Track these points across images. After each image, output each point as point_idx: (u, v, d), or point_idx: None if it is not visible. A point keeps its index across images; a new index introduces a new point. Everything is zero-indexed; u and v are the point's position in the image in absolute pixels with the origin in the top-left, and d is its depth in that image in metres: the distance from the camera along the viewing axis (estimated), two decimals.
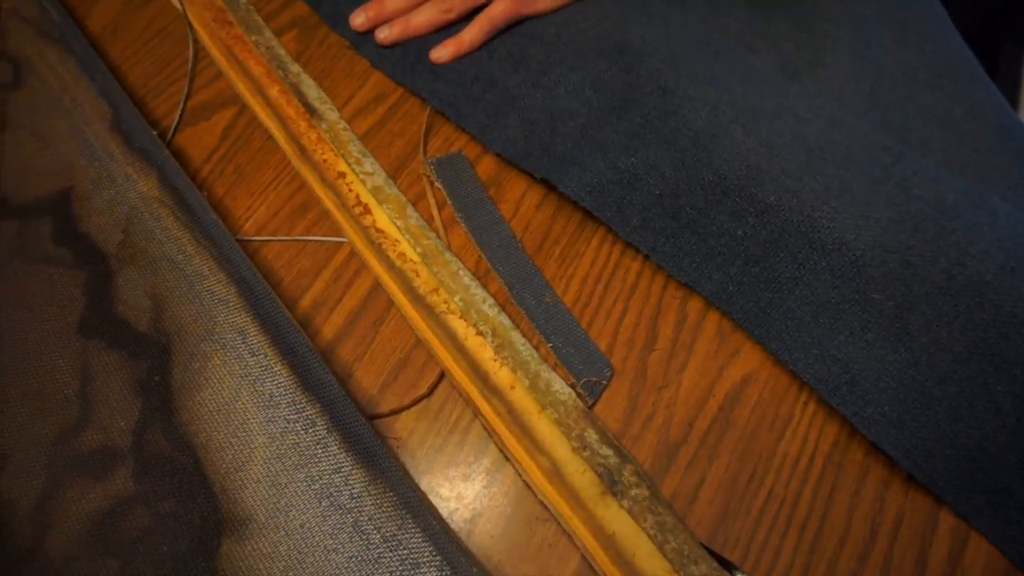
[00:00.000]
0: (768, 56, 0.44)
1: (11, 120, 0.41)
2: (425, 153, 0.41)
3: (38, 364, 0.33)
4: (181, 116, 0.42)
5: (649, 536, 0.29)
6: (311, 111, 0.42)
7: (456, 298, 0.36)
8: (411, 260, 0.36)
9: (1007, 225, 0.35)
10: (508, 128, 0.41)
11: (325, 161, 0.40)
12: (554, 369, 0.34)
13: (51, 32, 0.44)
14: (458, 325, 0.35)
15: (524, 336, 0.35)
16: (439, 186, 0.40)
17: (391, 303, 0.36)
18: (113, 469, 0.30)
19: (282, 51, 0.45)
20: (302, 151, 0.40)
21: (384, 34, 0.44)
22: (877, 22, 0.45)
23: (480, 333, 0.35)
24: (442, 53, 0.43)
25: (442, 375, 0.34)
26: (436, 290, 0.36)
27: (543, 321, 0.36)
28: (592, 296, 0.37)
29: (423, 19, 0.44)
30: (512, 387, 0.33)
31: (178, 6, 0.46)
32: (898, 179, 0.36)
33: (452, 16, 0.44)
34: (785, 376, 0.34)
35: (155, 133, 0.39)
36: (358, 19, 0.45)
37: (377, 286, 0.37)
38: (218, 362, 0.33)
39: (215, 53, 0.44)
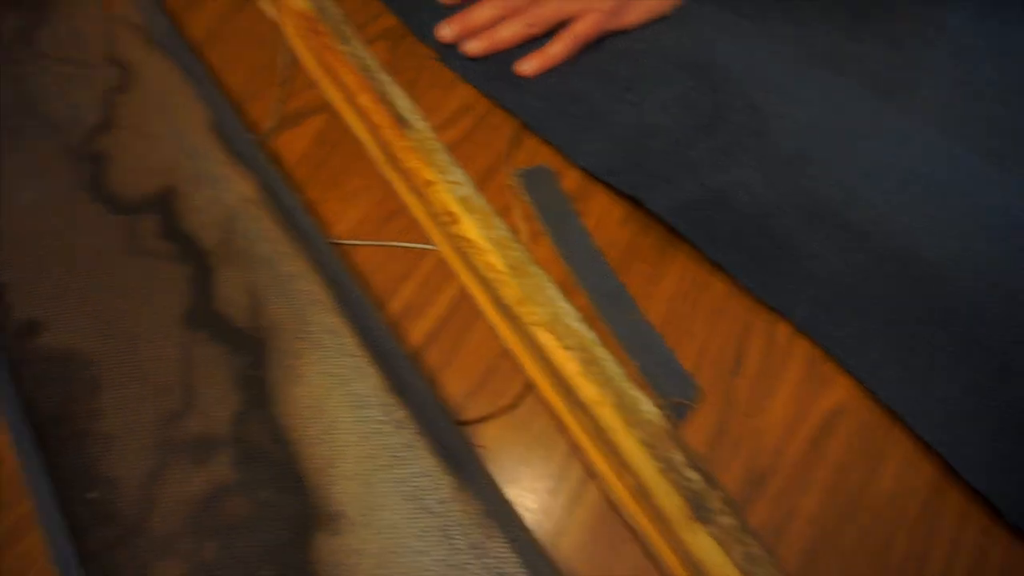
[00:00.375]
0: (859, 77, 0.44)
1: (119, 121, 0.44)
2: (511, 165, 0.42)
3: (145, 352, 0.35)
4: (276, 121, 0.44)
5: (738, 567, 0.29)
6: (400, 120, 0.43)
7: (543, 311, 0.36)
8: (498, 271, 0.38)
9: None
10: (594, 143, 0.41)
11: (414, 169, 0.41)
12: (640, 388, 0.34)
13: (156, 39, 0.47)
14: (545, 338, 0.36)
15: (610, 353, 0.35)
16: (525, 198, 0.41)
17: (478, 312, 0.38)
18: (214, 456, 0.32)
19: (372, 61, 0.46)
20: (391, 159, 0.42)
21: (470, 47, 0.46)
22: (973, 43, 0.45)
23: (567, 347, 0.35)
24: (528, 66, 0.45)
25: (528, 387, 0.35)
26: (523, 302, 0.37)
27: (629, 339, 0.36)
28: (678, 316, 0.38)
29: (509, 33, 0.46)
30: (598, 403, 0.34)
31: (274, 16, 0.48)
32: (1002, 211, 0.35)
33: (537, 31, 0.45)
34: (878, 409, 0.34)
35: (252, 137, 0.40)
36: (445, 31, 0.47)
37: (464, 294, 0.38)
38: (311, 360, 0.35)
39: (308, 62, 0.46)
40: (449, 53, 0.47)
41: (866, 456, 0.33)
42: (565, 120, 0.43)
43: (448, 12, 0.48)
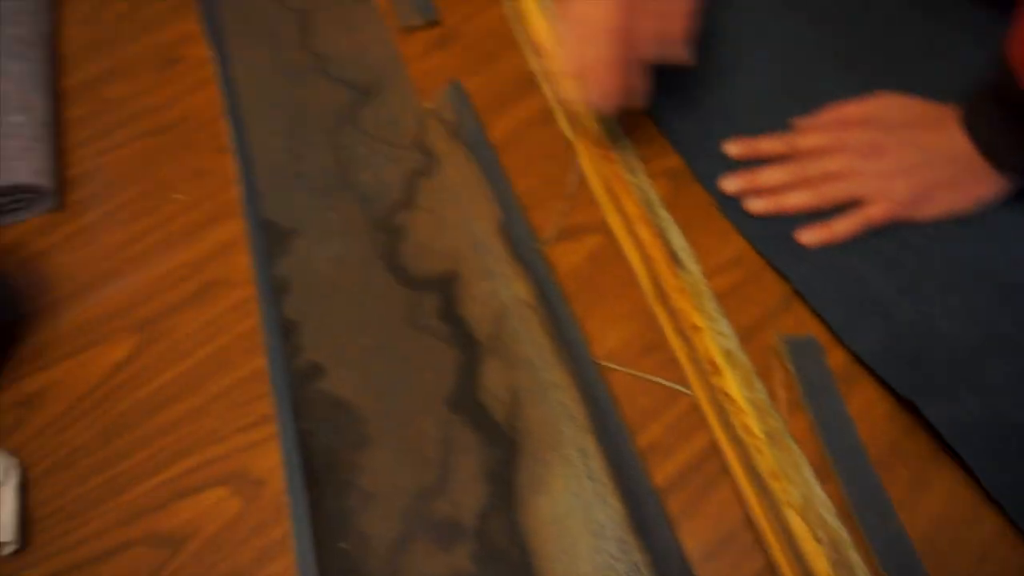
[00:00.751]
0: None
1: (419, 202, 0.49)
2: (777, 328, 0.42)
3: (411, 422, 0.38)
4: (555, 232, 0.48)
5: None
6: (675, 258, 0.45)
7: (796, 492, 0.36)
8: (756, 436, 0.37)
9: None
10: (870, 331, 0.41)
11: (682, 310, 0.43)
12: None
13: (463, 136, 0.52)
14: (796, 523, 0.35)
15: (863, 560, 0.34)
16: (789, 366, 0.41)
17: (725, 470, 0.37)
18: (457, 543, 0.34)
19: (654, 196, 0.49)
20: (661, 294, 0.43)
21: (754, 205, 0.47)
22: None
23: (817, 539, 0.34)
24: (809, 237, 0.45)
25: (771, 568, 0.34)
26: (777, 476, 0.36)
27: (884, 552, 0.34)
28: (939, 542, 0.35)
29: (797, 201, 0.46)
30: None
31: (570, 136, 0.53)
32: None
33: (827, 205, 0.46)
34: None
35: (538, 247, 0.44)
36: (730, 184, 0.48)
37: (714, 448, 0.38)
38: (558, 474, 0.36)
39: (595, 184, 0.50)
40: (729, 204, 0.48)
41: None
42: (840, 298, 0.42)
43: (734, 163, 0.49)
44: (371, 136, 0.54)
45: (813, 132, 0.48)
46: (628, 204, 0.48)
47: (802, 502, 0.35)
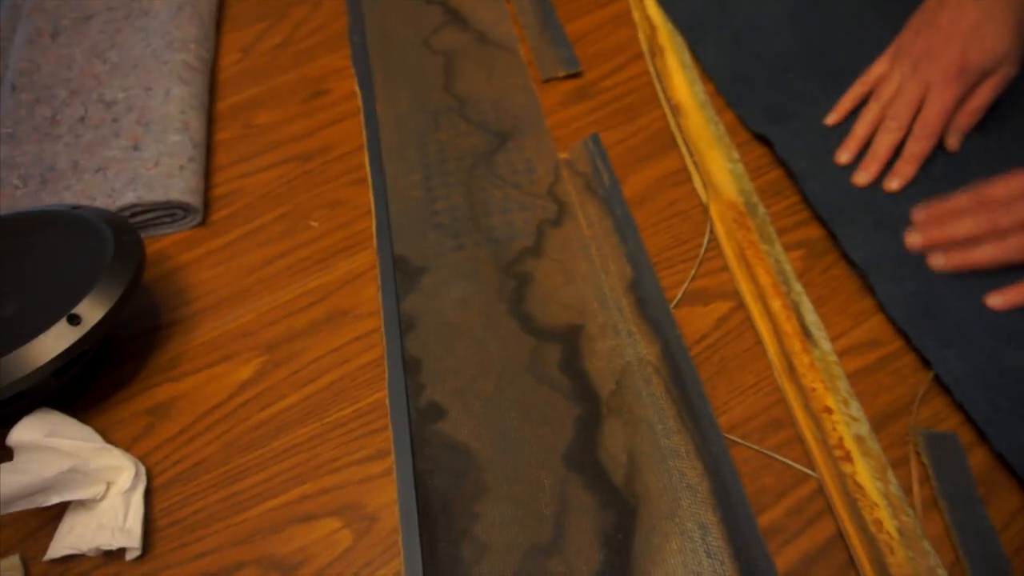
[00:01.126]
0: None
1: (547, 251, 0.50)
2: (914, 421, 0.41)
3: (528, 475, 0.38)
4: (683, 294, 0.48)
5: None
6: (807, 334, 0.44)
7: None
8: (888, 533, 0.36)
9: None
10: (1020, 431, 0.39)
11: (813, 390, 0.42)
12: None
13: (597, 189, 0.53)
14: None
15: None
16: (925, 461, 0.39)
17: (851, 564, 0.36)
18: None
19: (788, 267, 0.48)
20: (791, 370, 0.43)
21: (936, 261, 0.44)
22: None
23: None
24: (999, 300, 0.42)
25: None
26: None
27: None
28: None
29: (987, 256, 0.42)
30: None
31: (703, 198, 0.53)
32: None
33: (1021, 259, 0.42)
34: None
35: (671, 309, 0.44)
36: (915, 238, 0.45)
37: (839, 539, 0.37)
38: (675, 547, 0.35)
39: (727, 249, 0.50)
40: (877, 273, 0.46)
41: None
42: (991, 396, 0.40)
43: (885, 229, 0.48)
44: (505, 181, 0.56)
45: (1005, 180, 0.44)
46: (761, 273, 0.48)
47: None
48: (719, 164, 0.55)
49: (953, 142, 0.51)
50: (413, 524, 0.35)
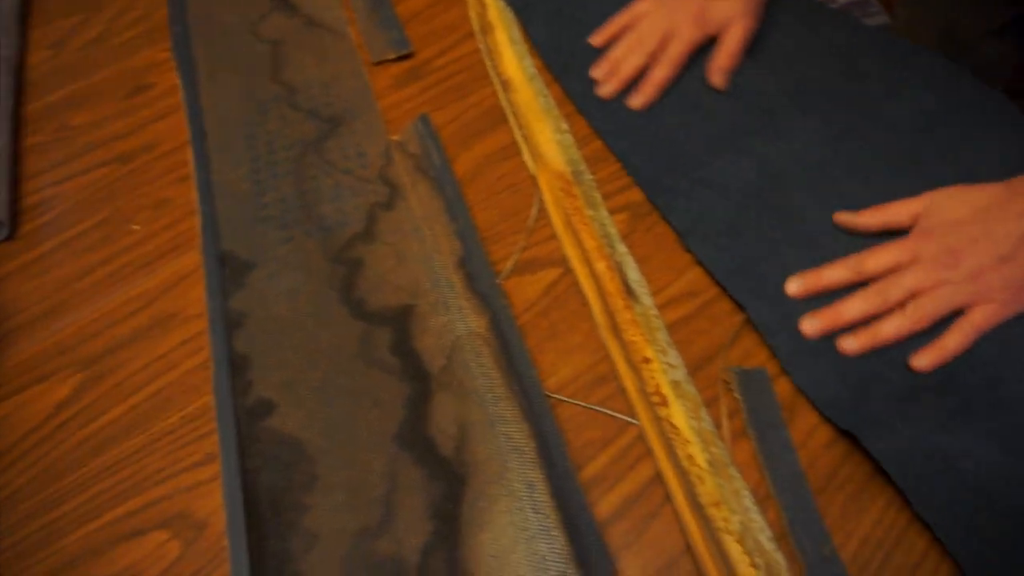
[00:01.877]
0: None
1: (378, 235, 0.51)
2: (727, 360, 0.44)
3: (359, 460, 0.39)
4: (514, 265, 0.50)
5: None
6: (629, 291, 0.47)
7: (736, 519, 0.37)
8: (698, 465, 0.39)
9: None
10: (818, 369, 0.43)
11: (633, 343, 0.44)
12: None
13: (427, 169, 0.54)
14: (733, 549, 0.36)
15: None
16: (736, 396, 0.42)
17: (667, 500, 0.39)
18: None
19: (613, 230, 0.51)
20: (614, 327, 0.45)
21: (848, 346, 0.42)
22: None
23: (755, 566, 0.36)
24: (923, 362, 0.42)
25: None
26: (717, 504, 0.38)
27: (818, 574, 0.36)
28: (870, 563, 0.37)
29: (894, 330, 0.42)
30: None
31: (531, 169, 0.55)
32: None
33: (926, 325, 0.42)
34: None
35: (497, 281, 0.45)
36: (810, 326, 0.44)
37: (657, 478, 0.40)
38: (503, 508, 0.37)
39: (554, 218, 0.52)
40: (694, 236, 0.50)
41: None
42: (795, 336, 0.44)
43: (698, 197, 0.51)
44: (336, 168, 0.56)
45: (879, 251, 0.44)
46: (586, 238, 0.50)
47: (741, 529, 0.37)
48: (547, 136, 0.57)
49: (718, 80, 0.57)
50: (239, 525, 0.36)
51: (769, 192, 0.51)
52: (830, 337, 0.44)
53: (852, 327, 0.43)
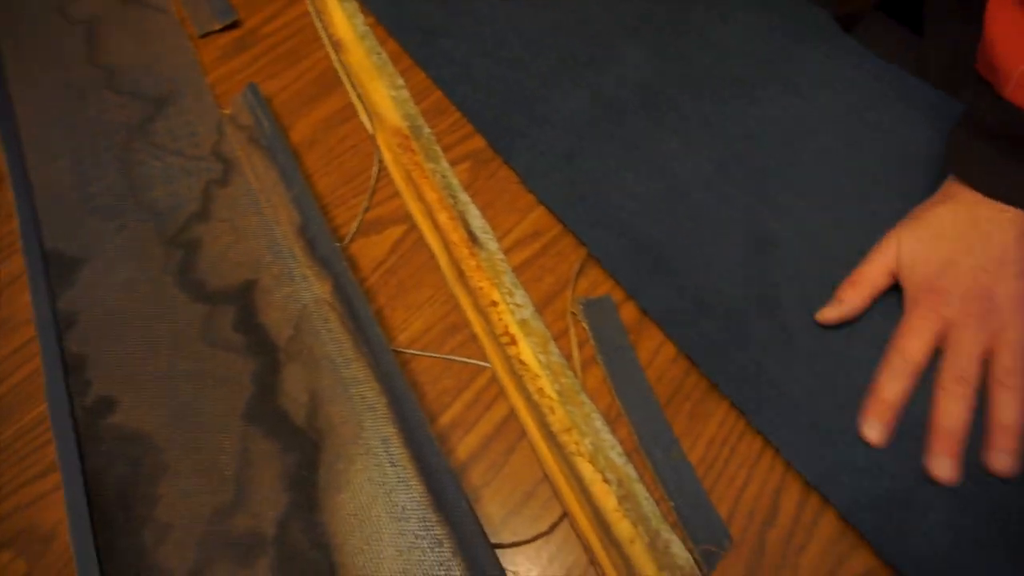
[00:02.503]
0: None
1: (215, 213, 0.50)
2: (574, 292, 0.46)
3: (209, 442, 0.39)
4: (358, 227, 0.49)
5: None
6: (473, 239, 0.48)
7: (587, 441, 0.39)
8: (548, 396, 0.40)
9: None
10: (659, 290, 0.44)
11: (480, 288, 0.45)
12: (673, 529, 0.36)
13: (260, 140, 0.53)
14: (585, 469, 0.38)
15: (648, 490, 0.37)
16: (584, 326, 0.44)
17: (523, 434, 0.40)
18: (257, 558, 0.35)
19: (455, 180, 0.51)
20: (460, 275, 0.46)
21: (1003, 463, 0.36)
22: None
23: (606, 480, 0.37)
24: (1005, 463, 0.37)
25: (564, 515, 0.37)
26: (568, 430, 0.39)
27: (668, 478, 0.38)
28: (717, 458, 0.39)
29: (1013, 412, 0.37)
30: (632, 541, 0.35)
31: (368, 129, 0.54)
32: None
33: (974, 393, 0.38)
34: None
35: (337, 245, 0.45)
36: (941, 470, 0.37)
37: (512, 415, 0.41)
38: (360, 467, 0.38)
39: (396, 175, 0.51)
40: (532, 176, 0.51)
41: None
42: (633, 263, 0.46)
43: (535, 142, 0.52)
44: (166, 149, 0.54)
45: (909, 337, 0.40)
46: (427, 191, 0.50)
47: (592, 449, 0.38)
48: (382, 93, 0.56)
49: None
50: (83, 530, 0.34)
51: (604, 121, 0.52)
52: (666, 258, 0.46)
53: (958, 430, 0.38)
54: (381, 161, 0.53)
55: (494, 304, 0.44)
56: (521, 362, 0.42)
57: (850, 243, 0.45)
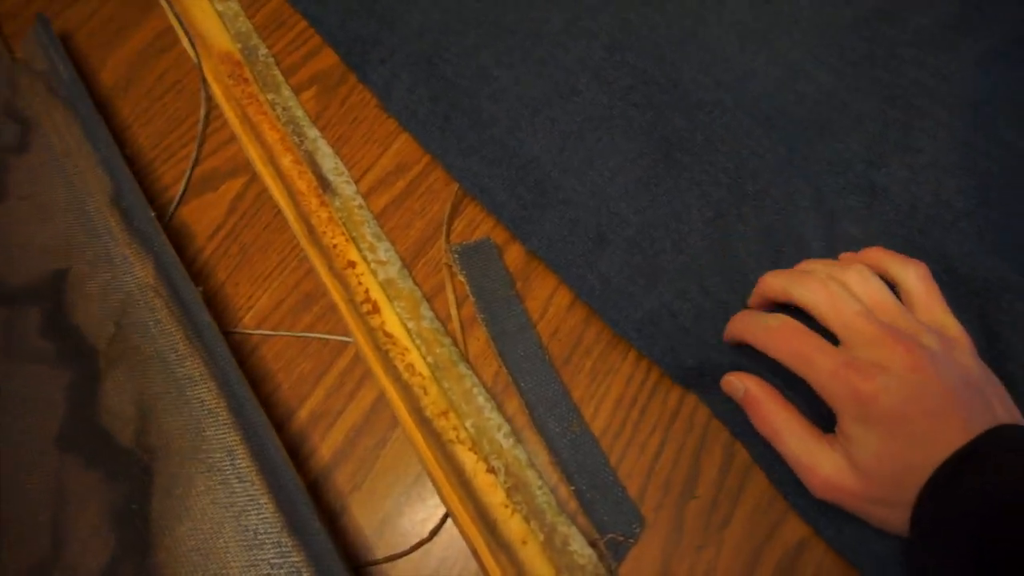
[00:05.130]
0: (849, 136, 0.39)
1: (12, 189, 0.41)
2: (448, 238, 0.38)
3: (12, 484, 0.32)
4: (187, 185, 0.41)
5: None
6: (324, 185, 0.40)
7: (468, 423, 0.33)
8: (420, 374, 0.34)
9: None
10: (549, 227, 0.37)
11: (335, 246, 0.38)
12: (574, 520, 0.31)
13: (59, 89, 0.43)
14: (467, 458, 0.32)
15: (542, 476, 0.32)
16: (462, 278, 0.37)
17: (396, 421, 0.34)
18: None
19: (300, 112, 0.43)
20: (311, 232, 0.38)
21: None
22: (989, 103, 0.40)
23: (491, 470, 0.32)
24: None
25: (447, 516, 0.32)
26: (445, 413, 0.33)
27: (567, 456, 0.33)
28: (626, 423, 0.34)
29: None
30: (524, 542, 0.30)
31: (193, 57, 0.45)
32: None
33: None
34: None
35: (153, 214, 0.37)
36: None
37: (382, 400, 0.35)
38: (202, 488, 0.32)
39: (229, 114, 0.43)
40: (388, 98, 0.42)
41: None
42: (515, 192, 0.38)
43: (377, 21, 0.44)
44: None
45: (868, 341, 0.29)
46: (268, 131, 0.42)
47: (474, 433, 0.33)
48: (205, 9, 0.46)
49: None
50: None
51: (454, 33, 0.44)
52: (554, 183, 0.38)
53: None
54: (211, 98, 0.44)
55: (352, 265, 0.37)
56: (386, 334, 0.35)
57: (782, 141, 0.38)
